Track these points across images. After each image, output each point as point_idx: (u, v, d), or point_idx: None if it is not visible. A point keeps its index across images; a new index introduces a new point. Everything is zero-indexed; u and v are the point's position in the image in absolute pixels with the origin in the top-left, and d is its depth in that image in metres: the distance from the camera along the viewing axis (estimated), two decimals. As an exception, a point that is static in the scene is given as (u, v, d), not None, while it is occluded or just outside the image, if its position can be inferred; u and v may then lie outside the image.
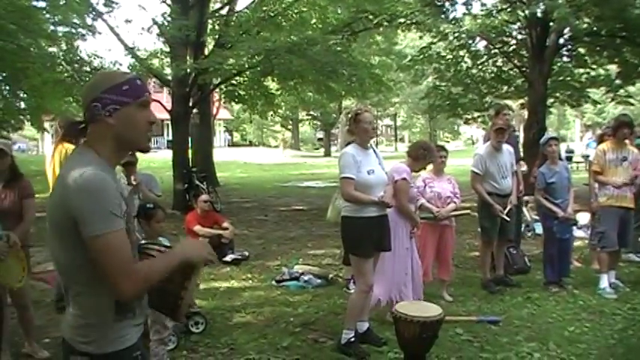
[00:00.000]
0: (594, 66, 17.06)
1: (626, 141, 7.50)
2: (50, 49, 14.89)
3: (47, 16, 13.74)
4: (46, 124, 18.84)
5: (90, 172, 2.08)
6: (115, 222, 2.09)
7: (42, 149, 41.84)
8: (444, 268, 7.18)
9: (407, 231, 5.98)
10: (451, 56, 17.75)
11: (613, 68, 17.22)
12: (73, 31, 14.44)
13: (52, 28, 14.14)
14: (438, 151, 6.89)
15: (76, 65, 14.71)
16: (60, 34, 14.44)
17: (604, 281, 7.25)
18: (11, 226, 4.89)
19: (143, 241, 2.82)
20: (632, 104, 19.87)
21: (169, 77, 16.40)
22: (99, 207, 2.05)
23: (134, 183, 6.59)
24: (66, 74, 14.63)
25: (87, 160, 2.14)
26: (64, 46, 14.84)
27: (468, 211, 7.58)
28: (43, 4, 13.90)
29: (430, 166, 6.78)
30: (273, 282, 7.93)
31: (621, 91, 17.53)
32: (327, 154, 52.04)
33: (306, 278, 7.80)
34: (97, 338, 2.20)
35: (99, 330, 2.20)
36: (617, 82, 16.93)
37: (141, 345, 2.36)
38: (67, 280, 2.24)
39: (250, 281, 8.19)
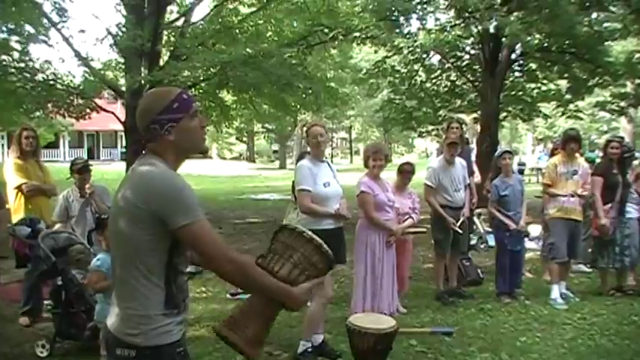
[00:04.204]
0: (545, 81, 17.39)
1: (577, 155, 7.67)
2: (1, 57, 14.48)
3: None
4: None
5: (171, 173, 2.39)
6: (201, 212, 2.33)
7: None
8: (398, 280, 7.19)
9: (381, 241, 6.00)
10: (405, 70, 17.88)
11: (563, 83, 17.54)
12: (25, 40, 14.07)
13: (3, 36, 13.79)
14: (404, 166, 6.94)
15: (28, 75, 14.37)
16: (12, 43, 14.05)
17: (555, 292, 7.38)
18: None
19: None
20: (582, 118, 20.35)
21: (124, 88, 16.17)
22: (187, 200, 2.31)
23: (88, 192, 6.51)
24: (18, 84, 14.26)
25: (162, 165, 2.40)
26: (16, 55, 14.45)
27: (424, 229, 7.61)
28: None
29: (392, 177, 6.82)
30: (228, 295, 7.84)
31: (571, 105, 17.84)
32: (283, 166, 52.07)
33: (261, 291, 7.74)
34: (145, 331, 2.32)
35: (147, 322, 2.32)
36: (567, 96, 17.24)
37: (184, 342, 2.49)
38: (124, 271, 2.37)
39: (204, 294, 8.11)
